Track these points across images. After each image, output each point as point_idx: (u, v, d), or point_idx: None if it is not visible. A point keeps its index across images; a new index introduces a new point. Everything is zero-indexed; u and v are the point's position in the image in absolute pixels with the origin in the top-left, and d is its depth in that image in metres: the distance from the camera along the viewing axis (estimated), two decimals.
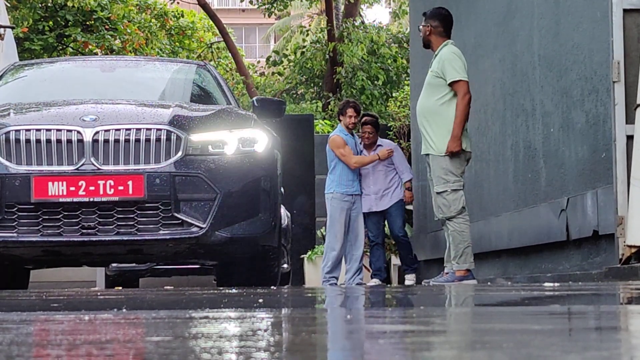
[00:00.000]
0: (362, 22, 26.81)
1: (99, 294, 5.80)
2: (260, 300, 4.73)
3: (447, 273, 8.12)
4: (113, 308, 4.05)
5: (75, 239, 6.32)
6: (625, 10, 7.36)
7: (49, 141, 6.25)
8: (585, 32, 8.13)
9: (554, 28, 8.85)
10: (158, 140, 6.32)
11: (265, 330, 2.77)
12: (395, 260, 14.59)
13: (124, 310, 3.93)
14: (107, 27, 22.75)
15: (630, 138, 7.18)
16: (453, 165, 8.07)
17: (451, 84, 8.06)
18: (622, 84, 7.30)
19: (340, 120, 11.49)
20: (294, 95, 25.03)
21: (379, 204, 11.48)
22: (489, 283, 8.60)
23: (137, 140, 6.29)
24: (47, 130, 6.28)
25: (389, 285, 12.16)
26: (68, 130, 6.27)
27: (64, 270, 10.30)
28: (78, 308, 4.24)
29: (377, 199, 11.45)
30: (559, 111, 8.69)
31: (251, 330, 2.79)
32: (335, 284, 11.01)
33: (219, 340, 2.45)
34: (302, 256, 15.08)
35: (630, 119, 7.21)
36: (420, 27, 8.39)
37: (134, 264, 11.19)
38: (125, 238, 6.34)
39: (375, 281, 11.66)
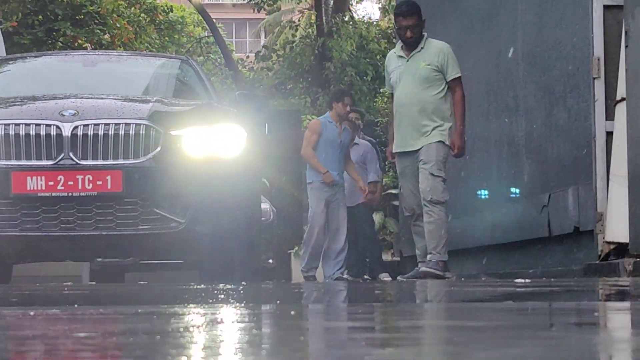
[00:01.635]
0: (352, 18, 26.78)
1: (65, 289, 5.80)
2: (246, 295, 4.74)
3: (429, 262, 8.04)
4: (70, 303, 4.06)
5: (54, 234, 6.31)
6: (605, 7, 7.37)
7: (27, 136, 6.22)
8: (567, 28, 8.14)
9: (537, 24, 8.85)
10: (137, 135, 6.29)
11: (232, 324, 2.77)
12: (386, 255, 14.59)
13: (76, 306, 3.93)
14: (96, 21, 22.65)
15: (610, 134, 7.19)
16: (447, 159, 8.13)
17: (452, 80, 8.02)
18: (602, 80, 7.31)
19: (332, 108, 10.88)
20: (283, 91, 24.98)
21: (349, 199, 11.09)
22: (462, 279, 8.62)
23: (116, 135, 6.27)
24: (26, 124, 6.26)
25: (372, 280, 12.14)
26: (47, 125, 6.25)
27: (49, 264, 10.26)
28: (31, 303, 4.24)
29: (349, 194, 11.05)
30: (541, 107, 8.69)
31: (214, 323, 2.79)
32: (314, 277, 10.81)
33: (184, 334, 2.45)
34: (289, 251, 15.06)
35: (610, 116, 7.22)
36: (409, 24, 8.07)
37: (117, 259, 11.15)
38: (104, 233, 6.32)
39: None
